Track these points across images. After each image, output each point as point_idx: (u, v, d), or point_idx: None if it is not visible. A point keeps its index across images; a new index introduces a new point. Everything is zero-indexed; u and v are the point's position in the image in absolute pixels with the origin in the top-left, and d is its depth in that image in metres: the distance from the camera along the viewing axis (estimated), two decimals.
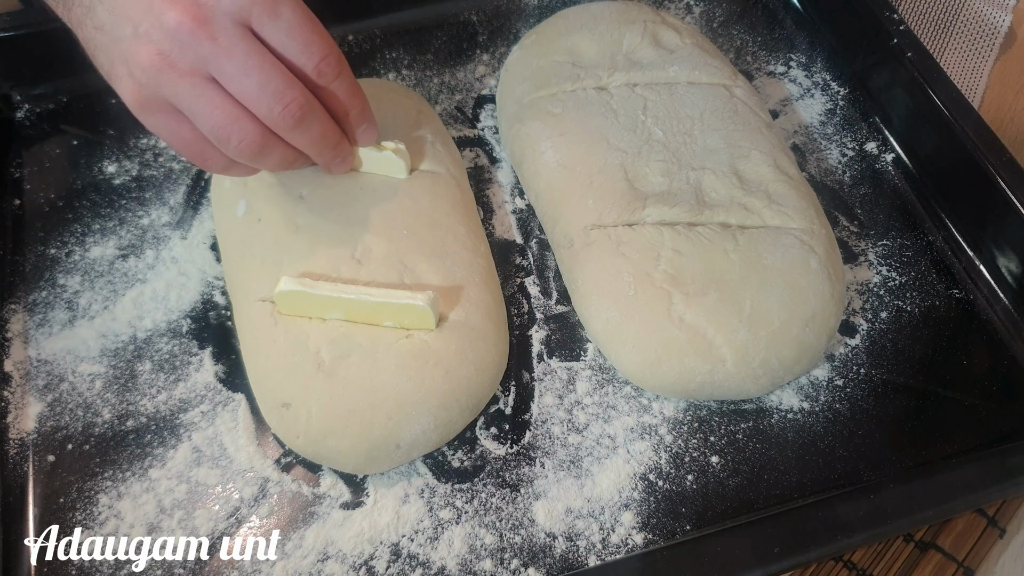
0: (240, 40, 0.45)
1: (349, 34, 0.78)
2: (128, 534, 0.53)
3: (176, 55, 0.45)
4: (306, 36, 0.47)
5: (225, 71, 0.46)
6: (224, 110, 0.47)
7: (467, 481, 0.55)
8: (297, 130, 0.49)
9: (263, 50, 0.46)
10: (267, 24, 0.46)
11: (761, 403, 0.59)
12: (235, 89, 0.46)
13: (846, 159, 0.72)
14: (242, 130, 0.47)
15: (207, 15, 0.45)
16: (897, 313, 0.63)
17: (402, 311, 0.53)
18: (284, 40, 0.47)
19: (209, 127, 0.47)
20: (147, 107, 0.47)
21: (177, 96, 0.46)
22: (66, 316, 0.61)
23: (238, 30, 0.45)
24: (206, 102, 0.46)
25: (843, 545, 0.51)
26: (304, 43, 0.47)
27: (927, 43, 0.83)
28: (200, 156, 0.49)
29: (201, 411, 0.57)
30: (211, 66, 0.46)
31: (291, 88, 0.47)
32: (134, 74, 0.46)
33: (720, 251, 0.58)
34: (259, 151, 0.49)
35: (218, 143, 0.48)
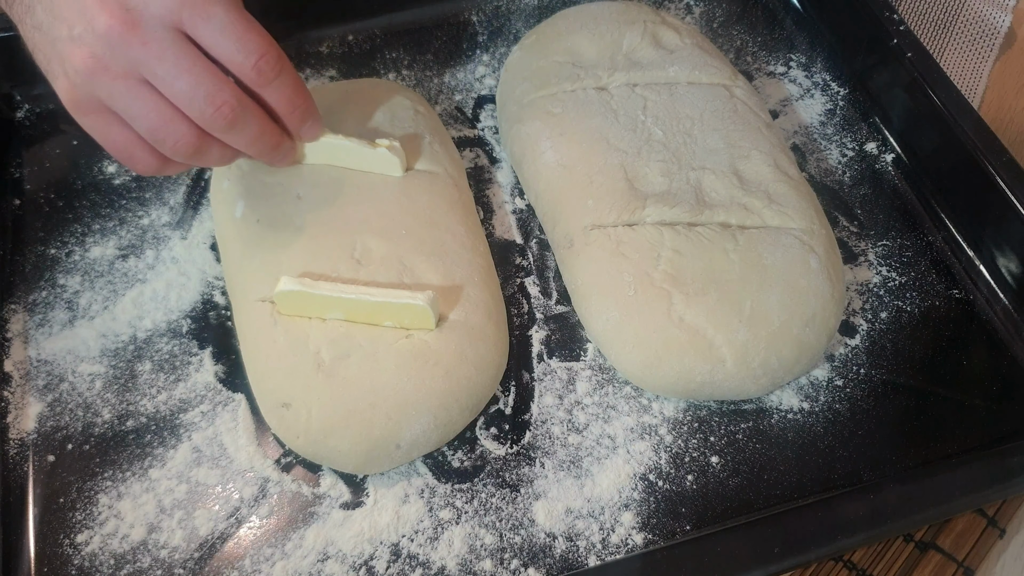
0: (171, 43, 0.46)
1: (349, 34, 0.78)
2: (128, 534, 0.53)
3: (108, 58, 0.45)
4: (240, 36, 0.47)
5: (156, 74, 0.46)
6: (159, 112, 0.47)
7: (467, 481, 0.55)
8: (231, 132, 0.49)
9: (195, 53, 0.46)
10: (199, 26, 0.46)
11: (761, 403, 0.59)
12: (167, 92, 0.46)
13: (846, 159, 0.72)
14: (177, 131, 0.48)
15: (136, 19, 0.45)
16: (897, 313, 0.63)
17: (402, 311, 0.53)
18: (218, 41, 0.47)
19: (144, 128, 0.47)
20: (81, 107, 0.48)
21: (111, 98, 0.47)
22: (66, 316, 0.61)
23: (169, 33, 0.46)
24: (140, 104, 0.47)
25: (843, 545, 0.51)
26: (239, 43, 0.47)
27: (927, 43, 0.83)
28: (130, 158, 0.50)
29: (201, 411, 0.57)
30: (143, 69, 0.46)
31: (222, 90, 0.47)
32: (69, 75, 0.46)
33: (720, 251, 0.58)
34: (195, 151, 0.49)
35: (154, 144, 0.48)
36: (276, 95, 0.50)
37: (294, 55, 0.76)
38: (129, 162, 0.50)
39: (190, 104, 0.47)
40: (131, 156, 0.49)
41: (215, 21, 0.46)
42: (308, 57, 0.76)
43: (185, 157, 0.49)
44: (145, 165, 0.50)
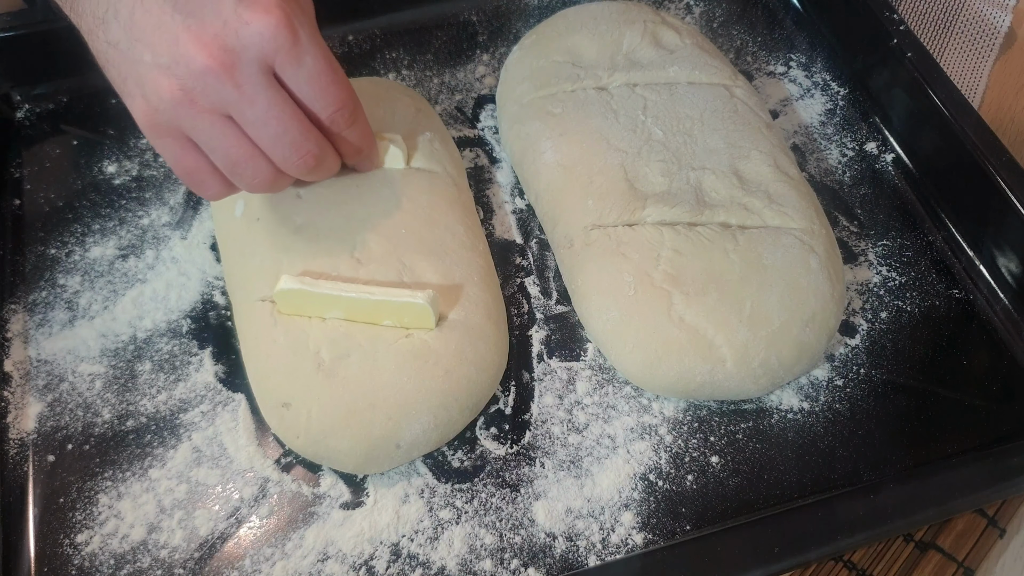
0: (264, 89, 0.46)
1: (349, 34, 0.78)
2: (128, 534, 0.53)
3: (198, 94, 0.45)
4: (324, 85, 0.48)
5: (246, 117, 0.47)
6: (242, 149, 0.48)
7: (467, 481, 0.55)
8: (309, 175, 0.52)
9: (284, 99, 0.47)
10: (289, 71, 0.47)
11: (761, 403, 0.59)
12: (254, 134, 0.47)
13: (846, 159, 0.72)
14: (256, 168, 0.49)
15: (234, 61, 0.45)
16: (897, 313, 0.63)
17: (402, 309, 0.53)
18: (304, 87, 0.48)
19: (224, 162, 0.49)
20: (158, 130, 0.48)
21: (195, 129, 0.47)
22: (66, 316, 0.61)
23: (262, 78, 0.46)
24: (224, 139, 0.47)
25: (843, 545, 0.51)
26: (322, 91, 0.48)
27: (927, 43, 0.83)
28: (200, 184, 0.51)
29: (201, 411, 0.57)
30: (232, 110, 0.46)
31: (307, 140, 0.49)
32: (149, 99, 0.46)
33: (720, 251, 0.58)
34: (270, 186, 0.51)
35: (231, 175, 0.50)
36: (348, 141, 0.53)
37: None
38: (198, 188, 0.51)
39: (274, 148, 0.48)
40: (201, 182, 0.50)
41: (304, 68, 0.47)
42: None
43: (259, 191, 0.51)
44: (214, 192, 0.51)
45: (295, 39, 0.46)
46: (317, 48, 0.47)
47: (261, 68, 0.46)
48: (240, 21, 0.45)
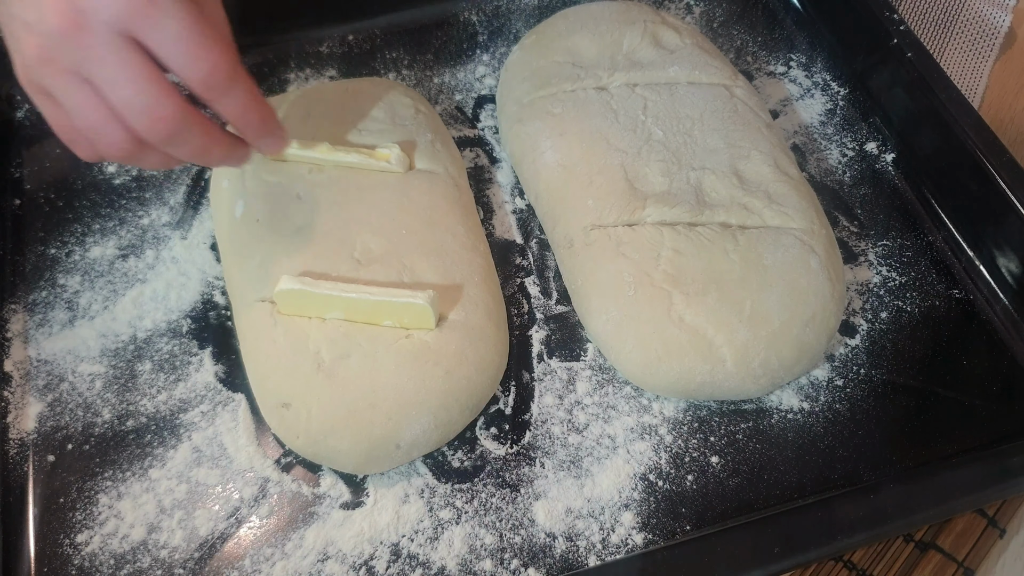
0: (116, 50, 0.45)
1: (349, 34, 0.78)
2: (128, 534, 0.53)
3: (54, 53, 0.45)
4: (190, 47, 0.46)
5: (96, 79, 0.45)
6: (96, 113, 0.46)
7: (467, 481, 0.55)
8: (170, 144, 0.48)
9: (139, 60, 0.45)
10: (149, 34, 0.45)
11: (761, 403, 0.59)
12: (107, 98, 0.46)
13: (846, 159, 0.72)
14: (112, 134, 0.47)
15: (84, 22, 0.44)
16: (897, 313, 0.63)
17: (402, 309, 0.53)
18: (168, 51, 0.46)
19: (81, 126, 0.47)
20: (30, 87, 0.48)
21: (55, 89, 0.46)
22: (66, 316, 0.61)
23: (117, 39, 0.45)
24: (78, 102, 0.46)
25: (843, 545, 0.51)
26: (187, 55, 0.46)
27: (927, 43, 0.83)
28: (71, 143, 0.49)
29: (201, 411, 0.57)
30: (84, 72, 0.45)
31: (160, 104, 0.46)
32: (23, 56, 0.47)
33: (720, 251, 0.58)
34: (129, 155, 0.48)
35: (90, 140, 0.48)
36: (226, 110, 0.49)
37: (294, 55, 0.76)
38: (71, 146, 0.50)
39: (127, 113, 0.46)
40: (72, 141, 0.49)
41: (165, 30, 0.45)
42: (308, 57, 0.76)
43: (118, 160, 0.49)
44: (85, 154, 0.50)
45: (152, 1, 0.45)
46: (180, 9, 0.45)
47: (115, 30, 0.45)
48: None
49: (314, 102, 0.65)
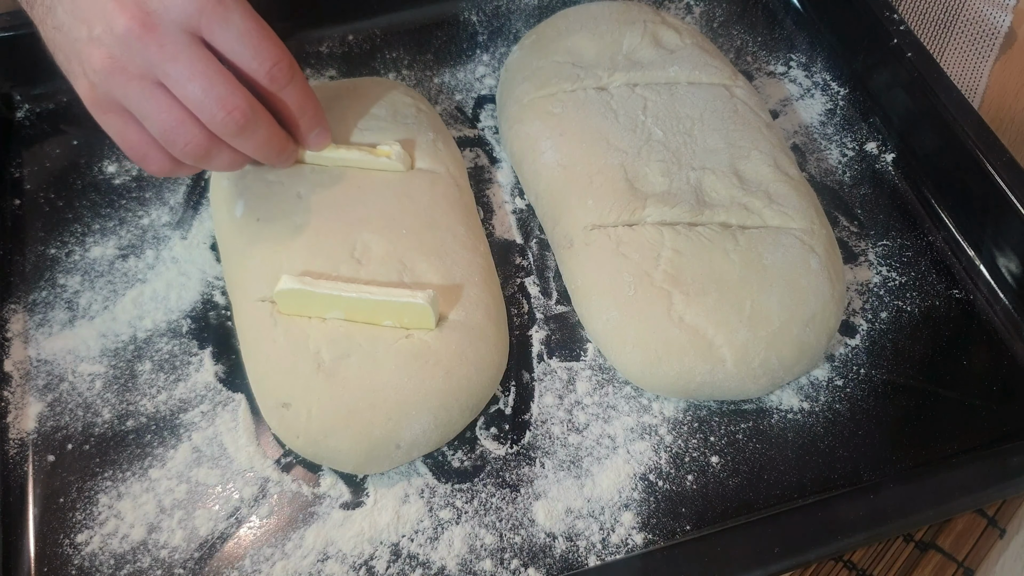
0: (187, 47, 0.47)
1: (349, 34, 0.78)
2: (128, 534, 0.53)
3: (125, 59, 0.46)
4: (256, 42, 0.48)
5: (170, 76, 0.47)
6: (171, 113, 0.48)
7: (467, 481, 0.55)
8: (240, 136, 0.50)
9: (209, 57, 0.47)
10: (216, 31, 0.47)
11: (761, 403, 0.59)
12: (180, 94, 0.47)
13: (846, 159, 0.72)
14: (188, 133, 0.49)
15: (155, 21, 0.46)
16: (897, 313, 0.63)
17: (402, 309, 0.53)
18: (234, 47, 0.48)
19: (157, 130, 0.48)
20: (99, 106, 0.49)
21: (127, 98, 0.48)
22: (66, 316, 0.61)
23: (185, 37, 0.47)
24: (154, 105, 0.48)
25: (843, 545, 0.51)
26: (255, 49, 0.48)
27: (927, 43, 0.83)
28: (144, 158, 0.51)
29: (201, 411, 0.57)
30: (157, 71, 0.47)
31: (234, 95, 0.48)
32: (88, 75, 0.48)
33: (720, 251, 0.58)
34: (205, 153, 0.50)
35: (166, 145, 0.49)
36: (289, 99, 0.52)
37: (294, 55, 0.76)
38: (142, 162, 0.51)
39: (202, 107, 0.48)
40: (144, 156, 0.51)
41: (232, 27, 0.47)
42: (308, 57, 0.76)
43: (195, 160, 0.50)
44: (158, 166, 0.51)
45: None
46: (243, 7, 0.48)
47: (183, 28, 0.46)
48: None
49: None
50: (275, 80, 0.50)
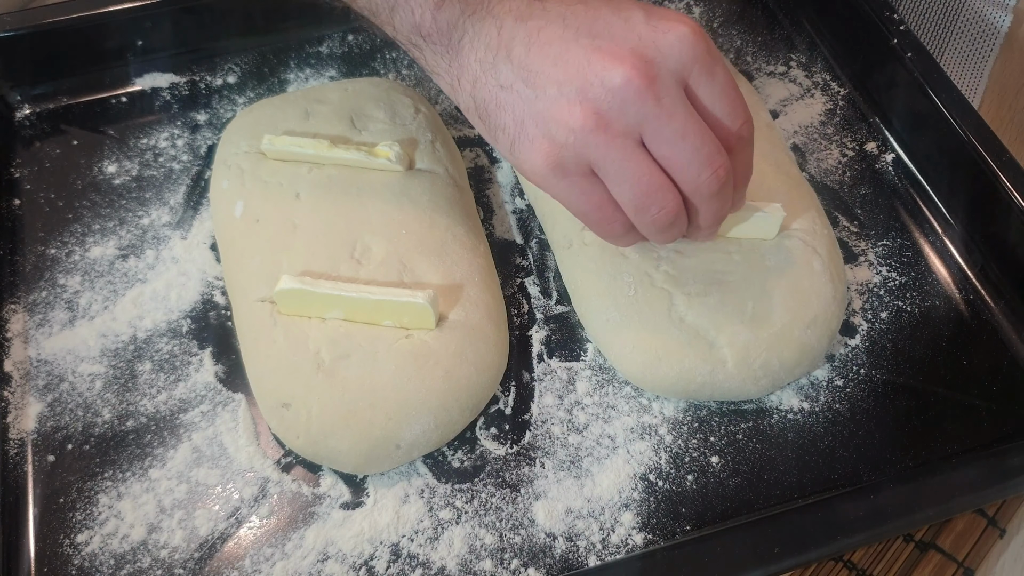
0: (680, 102, 0.44)
1: (349, 34, 0.78)
2: (128, 534, 0.53)
3: (614, 115, 0.43)
4: (733, 98, 0.46)
5: (661, 134, 0.44)
6: (651, 178, 0.45)
7: (467, 481, 0.55)
8: (715, 198, 0.47)
9: (696, 114, 0.44)
10: (703, 84, 0.44)
11: (761, 403, 0.59)
12: (666, 152, 0.44)
13: (846, 159, 0.72)
14: (664, 199, 0.45)
15: (655, 73, 0.43)
16: (897, 313, 0.63)
17: (402, 309, 0.53)
18: (716, 102, 0.45)
19: (633, 194, 0.45)
20: (561, 168, 0.45)
21: (605, 159, 0.44)
22: (66, 316, 0.61)
23: (678, 91, 0.44)
24: (635, 167, 0.44)
25: (843, 545, 0.51)
26: (732, 104, 0.46)
27: (927, 43, 0.83)
28: (603, 220, 0.47)
29: (201, 411, 0.57)
30: (647, 127, 0.44)
31: (720, 154, 0.45)
32: (554, 135, 0.44)
33: (722, 252, 0.58)
34: (671, 223, 0.47)
35: (638, 210, 0.46)
36: (743, 161, 0.49)
37: (294, 55, 0.76)
38: (600, 226, 0.48)
39: (687, 167, 0.45)
40: (605, 219, 0.47)
41: (718, 81, 0.45)
42: (308, 57, 0.76)
43: (659, 228, 0.47)
44: (618, 230, 0.48)
45: (710, 47, 0.44)
46: (724, 59, 0.45)
47: (678, 80, 0.44)
48: (656, 32, 0.43)
49: (314, 102, 0.65)
50: (742, 139, 0.47)
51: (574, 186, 0.46)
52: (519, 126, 0.46)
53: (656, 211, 0.46)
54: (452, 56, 0.48)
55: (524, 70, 0.45)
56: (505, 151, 0.48)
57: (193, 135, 0.71)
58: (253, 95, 0.74)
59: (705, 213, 0.48)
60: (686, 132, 0.44)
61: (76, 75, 0.73)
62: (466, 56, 0.47)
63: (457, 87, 0.49)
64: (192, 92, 0.74)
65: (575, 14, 0.44)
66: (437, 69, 0.50)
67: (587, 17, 0.44)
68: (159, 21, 0.73)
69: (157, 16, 0.72)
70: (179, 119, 0.72)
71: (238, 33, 0.76)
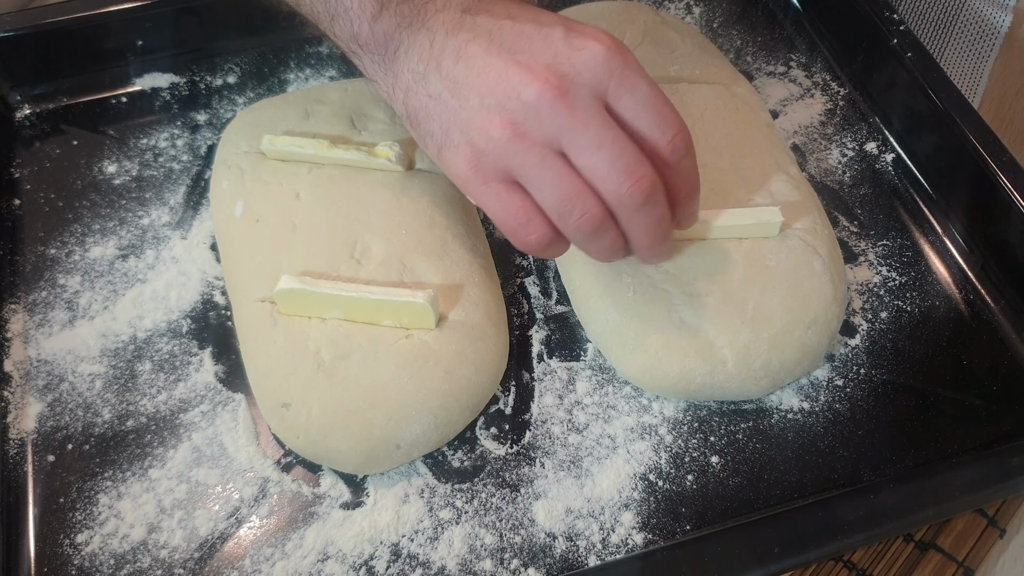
0: (596, 113, 0.45)
1: None
2: (128, 534, 0.53)
3: (530, 126, 0.45)
4: (660, 109, 0.46)
5: (577, 144, 0.45)
6: (571, 182, 0.46)
7: (467, 481, 0.55)
8: (640, 210, 0.47)
9: (616, 125, 0.45)
10: (623, 97, 0.45)
11: (761, 403, 0.59)
12: (584, 163, 0.45)
13: (846, 159, 0.72)
14: (585, 204, 0.46)
15: (567, 87, 0.44)
16: (897, 313, 0.63)
17: (402, 309, 0.53)
18: (639, 114, 0.46)
19: (553, 199, 0.46)
20: (481, 175, 0.47)
21: (523, 166, 0.46)
22: (66, 316, 0.61)
23: (595, 104, 0.45)
24: (553, 174, 0.45)
25: (843, 545, 0.51)
26: (659, 116, 0.46)
27: (927, 43, 0.83)
28: (524, 225, 0.48)
29: (201, 411, 0.57)
30: (563, 138, 0.45)
31: (642, 165, 0.46)
32: (475, 142, 0.46)
33: (723, 252, 0.58)
34: (597, 228, 0.47)
35: (558, 216, 0.47)
36: (683, 173, 0.48)
37: (294, 55, 0.76)
38: (522, 230, 0.48)
39: (606, 177, 0.45)
40: (527, 223, 0.47)
41: (639, 94, 0.46)
42: (308, 57, 0.76)
43: (583, 234, 0.47)
44: (537, 237, 0.48)
45: (627, 62, 0.45)
46: (646, 73, 0.46)
47: (594, 94, 0.45)
48: (572, 48, 0.45)
49: (314, 102, 0.65)
50: (675, 151, 0.47)
51: (493, 192, 0.47)
52: (445, 133, 0.48)
53: (578, 215, 0.46)
54: (388, 65, 0.51)
55: (451, 81, 0.46)
56: (434, 155, 0.50)
57: (193, 135, 0.71)
58: (253, 95, 0.74)
59: (636, 229, 0.48)
60: (602, 142, 0.45)
61: (76, 75, 0.73)
62: (400, 66, 0.49)
63: (392, 95, 0.51)
64: (192, 92, 0.74)
65: (501, 29, 0.46)
66: (375, 76, 0.52)
67: (511, 32, 0.46)
68: (159, 21, 0.73)
69: (157, 16, 0.72)
70: (179, 119, 0.72)
71: (238, 33, 0.76)
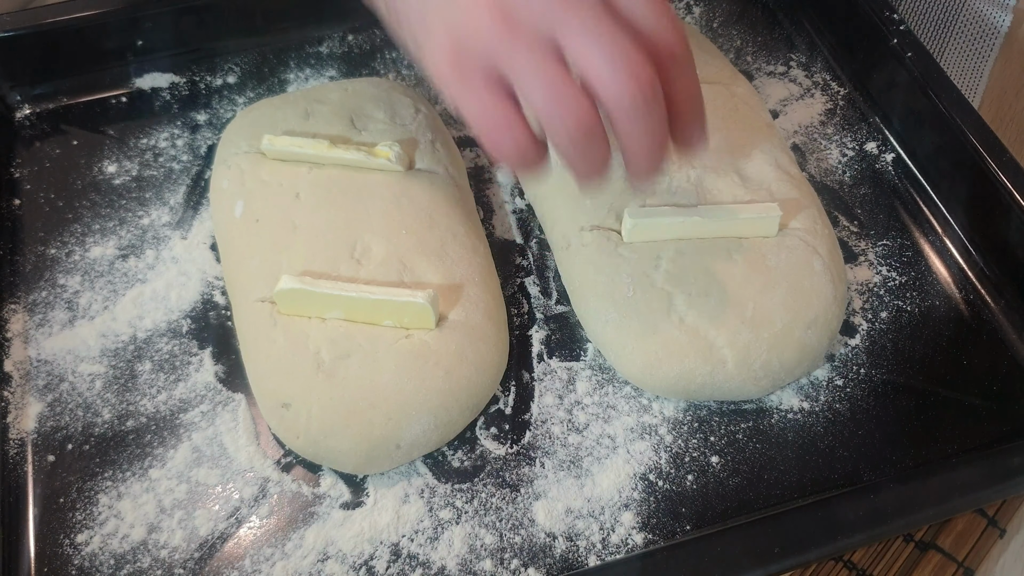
0: (597, 3, 0.40)
1: (349, 34, 0.78)
2: (128, 534, 0.53)
3: (523, 15, 0.40)
4: (662, 12, 0.42)
5: (575, 37, 0.40)
6: (564, 83, 0.41)
7: (467, 481, 0.55)
8: (639, 115, 0.42)
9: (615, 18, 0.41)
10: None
11: (761, 403, 0.59)
12: (582, 57, 0.40)
13: (846, 159, 0.72)
14: (579, 108, 0.41)
15: None
16: (897, 313, 0.63)
17: (402, 309, 0.53)
18: (641, 11, 0.41)
19: (542, 100, 0.41)
20: (460, 69, 0.42)
21: (511, 59, 0.41)
22: (66, 316, 0.61)
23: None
24: (544, 71, 0.40)
25: (843, 545, 0.51)
26: (659, 18, 0.42)
27: (927, 43, 0.83)
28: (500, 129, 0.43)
29: (201, 411, 0.57)
30: (559, 31, 0.40)
31: (646, 66, 0.41)
32: (456, 31, 0.41)
33: (723, 252, 0.58)
34: (588, 136, 0.42)
35: (547, 119, 0.42)
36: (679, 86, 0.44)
37: (294, 55, 0.76)
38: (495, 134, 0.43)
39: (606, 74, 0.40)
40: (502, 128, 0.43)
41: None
42: (308, 57, 0.76)
43: (575, 141, 0.42)
44: (516, 143, 0.43)
45: None
46: None
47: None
48: None
49: (314, 102, 0.65)
50: (674, 56, 0.42)
51: (474, 90, 0.42)
52: (422, 20, 0.44)
53: (572, 119, 0.41)
54: None
55: None
56: (414, 53, 0.46)
57: (193, 135, 0.71)
58: (253, 95, 0.74)
59: (634, 135, 0.43)
60: (601, 34, 0.40)
61: (76, 75, 0.73)
62: None
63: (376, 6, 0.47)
64: (192, 92, 0.74)
65: None
66: None
67: None
68: (159, 21, 0.73)
69: (157, 16, 0.72)
70: (179, 119, 0.72)
71: (238, 33, 0.76)
